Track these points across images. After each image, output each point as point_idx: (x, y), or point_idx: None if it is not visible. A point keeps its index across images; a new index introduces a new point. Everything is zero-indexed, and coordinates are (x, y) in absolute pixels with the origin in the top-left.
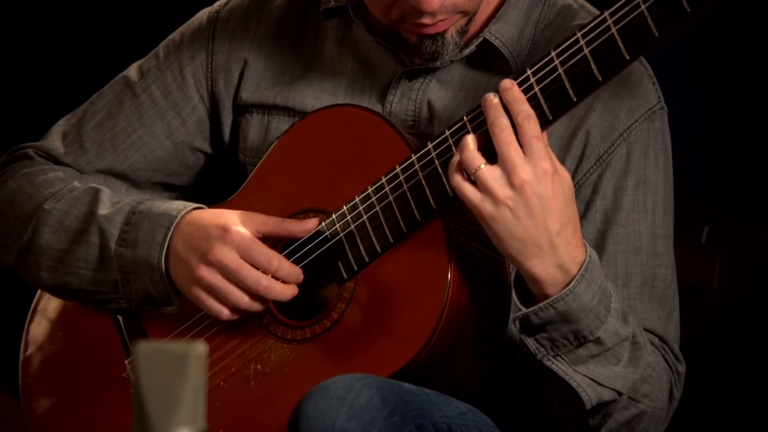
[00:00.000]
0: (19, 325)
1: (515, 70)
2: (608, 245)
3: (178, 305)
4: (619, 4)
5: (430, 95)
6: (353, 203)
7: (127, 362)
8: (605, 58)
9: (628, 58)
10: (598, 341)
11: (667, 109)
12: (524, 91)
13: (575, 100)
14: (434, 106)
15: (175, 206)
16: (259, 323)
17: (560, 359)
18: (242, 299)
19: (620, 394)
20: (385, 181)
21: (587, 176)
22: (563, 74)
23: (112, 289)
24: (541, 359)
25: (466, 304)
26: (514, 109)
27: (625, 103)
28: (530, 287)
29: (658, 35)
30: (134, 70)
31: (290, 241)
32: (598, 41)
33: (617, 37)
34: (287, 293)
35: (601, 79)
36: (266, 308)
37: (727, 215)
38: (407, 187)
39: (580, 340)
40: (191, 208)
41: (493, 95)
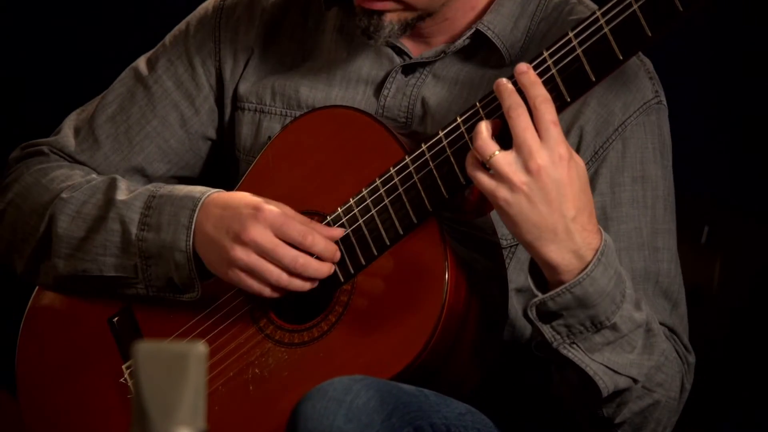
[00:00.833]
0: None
1: (509, 62)
2: None
3: (200, 292)
4: (611, 3)
5: (425, 92)
6: (348, 206)
7: (124, 367)
8: (598, 57)
9: (621, 58)
10: (614, 327)
11: (666, 104)
12: (540, 74)
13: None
14: (428, 102)
15: (197, 189)
16: (256, 327)
17: (576, 347)
18: (281, 277)
19: (636, 381)
20: (379, 183)
21: None
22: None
23: (132, 274)
24: (557, 347)
25: (463, 305)
26: (530, 92)
27: (619, 97)
28: (545, 274)
29: (651, 35)
30: (143, 62)
31: None
32: (590, 41)
33: (610, 37)
34: (323, 270)
35: (594, 79)
36: (264, 311)
37: (727, 215)
38: (402, 189)
39: (596, 326)
40: (214, 190)
41: (506, 80)
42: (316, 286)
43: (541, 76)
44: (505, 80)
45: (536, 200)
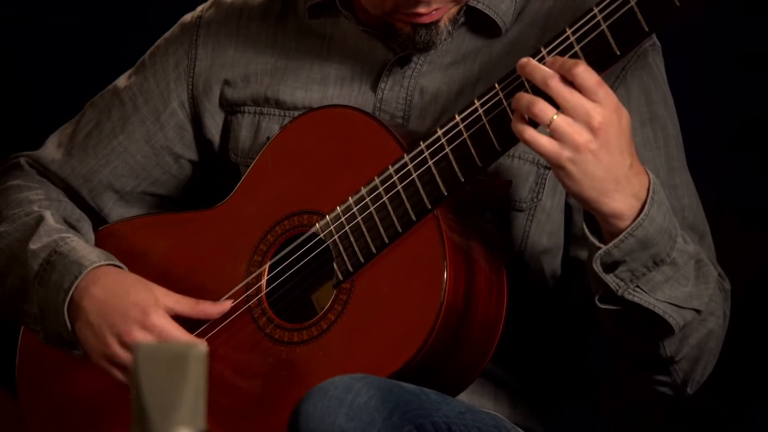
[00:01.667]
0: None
1: (504, 31)
2: None
3: (83, 352)
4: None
5: (422, 81)
6: (347, 204)
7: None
8: (595, 53)
9: (618, 53)
10: (673, 263)
11: (659, 44)
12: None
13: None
14: (427, 91)
15: (89, 257)
16: (255, 326)
17: (640, 290)
18: None
19: (699, 312)
20: (378, 181)
21: None
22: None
23: (33, 321)
24: (622, 294)
25: (462, 302)
26: (565, 65)
27: None
28: (606, 226)
29: (648, 30)
30: (123, 78)
31: (284, 244)
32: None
33: (607, 33)
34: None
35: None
36: (264, 310)
37: (727, 215)
38: (401, 187)
39: (657, 264)
40: (105, 263)
41: (526, 59)
42: None
43: (564, 53)
44: (525, 59)
45: (601, 156)
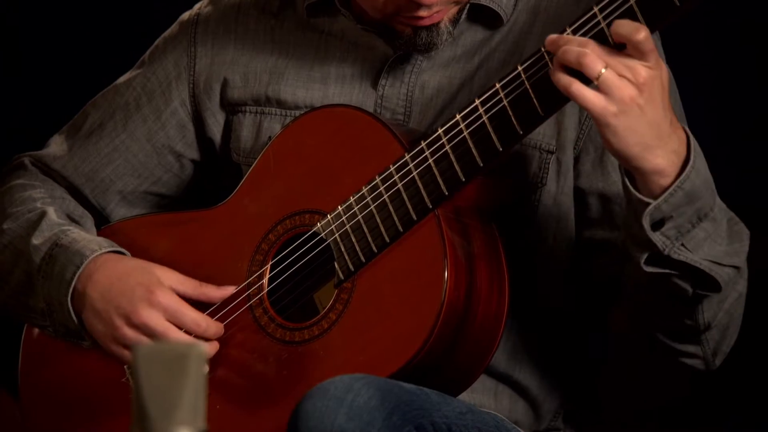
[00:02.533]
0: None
1: (506, 21)
2: None
3: (91, 342)
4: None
5: (423, 77)
6: (348, 203)
7: (126, 367)
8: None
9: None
10: (714, 218)
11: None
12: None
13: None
14: (428, 86)
15: (90, 246)
16: (257, 325)
17: (684, 249)
18: None
19: (738, 269)
20: (379, 180)
21: None
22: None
23: (41, 317)
24: (668, 253)
25: (463, 301)
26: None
27: None
28: (647, 185)
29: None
30: (125, 77)
31: (285, 243)
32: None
33: (607, 32)
34: (213, 351)
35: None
36: (265, 309)
37: None
38: (402, 186)
39: (701, 218)
40: (106, 250)
41: (550, 37)
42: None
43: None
44: (553, 35)
45: (647, 111)
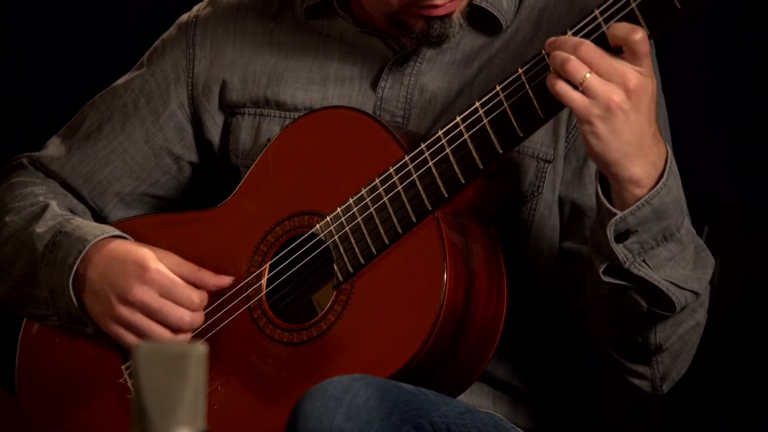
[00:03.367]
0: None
1: (505, 27)
2: None
3: (93, 328)
4: (610, 1)
5: (422, 79)
6: (347, 205)
7: (124, 368)
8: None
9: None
10: (680, 240)
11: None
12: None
13: None
14: (427, 88)
15: (93, 231)
16: (255, 327)
17: (645, 265)
18: (165, 335)
19: (697, 296)
20: (378, 182)
21: None
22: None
23: (45, 307)
24: (628, 267)
25: (462, 303)
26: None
27: None
28: (621, 193)
29: (648, 33)
30: (123, 79)
31: (284, 245)
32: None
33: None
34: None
35: None
36: (264, 311)
37: (727, 215)
38: (401, 188)
39: (666, 238)
40: (108, 235)
41: (549, 39)
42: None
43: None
44: (552, 38)
45: (632, 118)
